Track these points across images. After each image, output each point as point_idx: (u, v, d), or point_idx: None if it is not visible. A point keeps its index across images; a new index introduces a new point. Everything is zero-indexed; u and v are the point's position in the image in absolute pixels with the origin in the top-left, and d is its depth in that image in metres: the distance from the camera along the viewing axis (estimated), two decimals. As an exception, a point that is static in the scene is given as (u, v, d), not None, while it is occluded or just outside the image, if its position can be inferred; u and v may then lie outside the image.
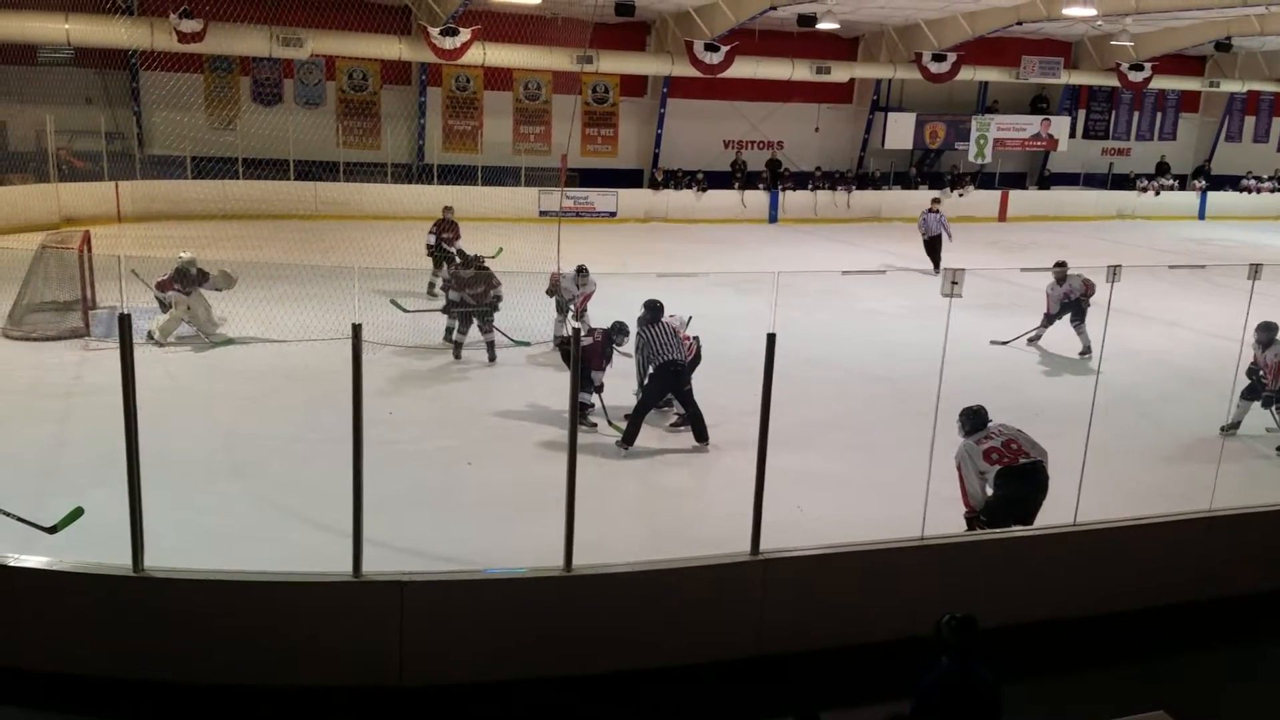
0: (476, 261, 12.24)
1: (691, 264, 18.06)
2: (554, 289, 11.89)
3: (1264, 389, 9.65)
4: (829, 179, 26.57)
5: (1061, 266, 12.72)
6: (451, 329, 11.95)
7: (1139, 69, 26.92)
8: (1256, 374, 9.71)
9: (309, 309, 11.08)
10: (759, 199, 25.68)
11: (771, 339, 5.72)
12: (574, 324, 10.81)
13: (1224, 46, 25.47)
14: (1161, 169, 30.62)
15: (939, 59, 24.84)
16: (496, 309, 11.68)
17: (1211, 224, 28.84)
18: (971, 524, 6.70)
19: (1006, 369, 12.16)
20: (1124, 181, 30.12)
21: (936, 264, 18.42)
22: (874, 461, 8.72)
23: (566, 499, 5.59)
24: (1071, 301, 12.46)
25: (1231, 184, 31.14)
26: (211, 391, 10.11)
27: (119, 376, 5.16)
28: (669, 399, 9.40)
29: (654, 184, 25.33)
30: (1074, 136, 29.87)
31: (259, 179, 21.11)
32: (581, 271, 11.67)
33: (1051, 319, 12.76)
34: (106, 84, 20.73)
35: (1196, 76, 29.84)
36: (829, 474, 8.45)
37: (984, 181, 28.44)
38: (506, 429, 9.42)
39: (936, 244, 18.61)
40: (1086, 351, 12.40)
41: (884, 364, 11.98)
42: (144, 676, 5.32)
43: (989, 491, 6.67)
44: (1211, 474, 7.10)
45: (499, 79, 23.86)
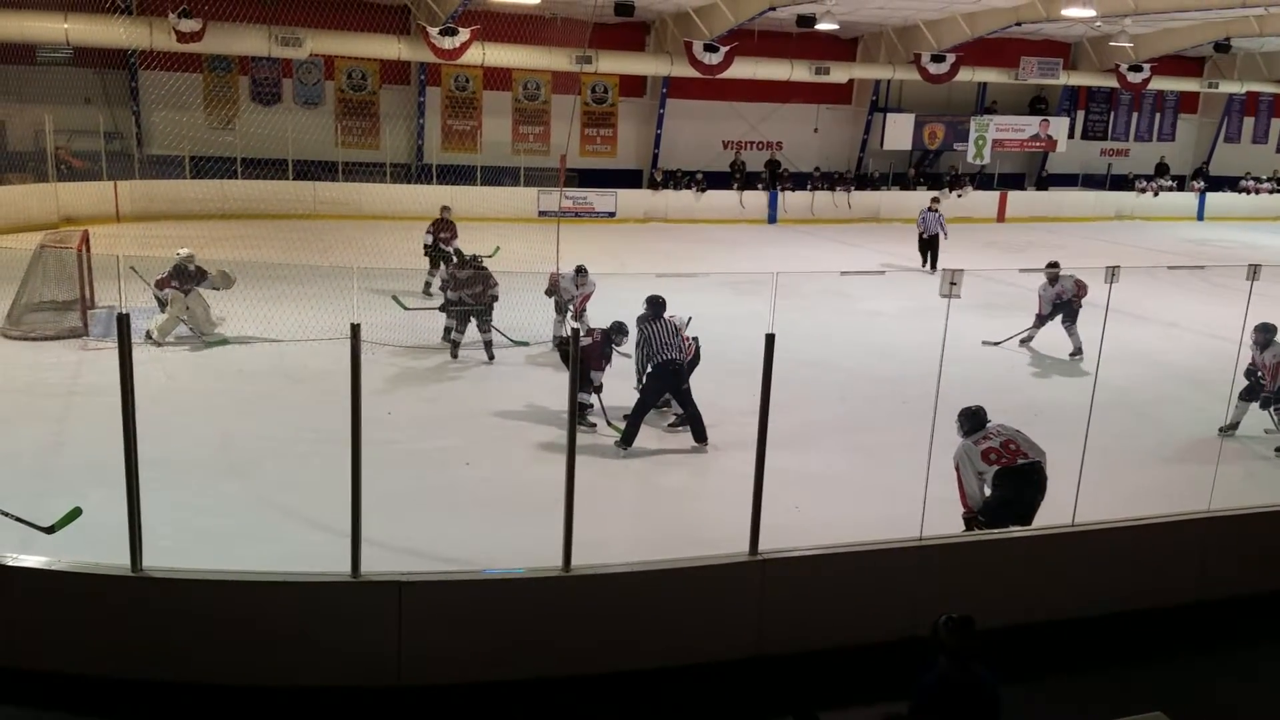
0: (474, 261, 12.24)
1: (690, 264, 18.06)
2: (553, 289, 11.89)
3: (1262, 390, 9.65)
4: (828, 179, 26.60)
5: (1054, 267, 12.71)
6: (450, 329, 11.96)
7: (1138, 70, 26.94)
8: (1255, 375, 9.71)
9: (308, 309, 11.07)
10: (758, 199, 25.69)
11: (770, 339, 5.72)
12: (573, 324, 10.83)
13: (1223, 47, 25.50)
14: (1160, 170, 30.65)
15: (938, 60, 24.86)
16: (493, 309, 11.68)
17: (1210, 225, 28.87)
18: (970, 524, 6.70)
19: (1005, 370, 12.17)
20: (1123, 182, 30.16)
21: (934, 263, 18.63)
22: (872, 462, 8.72)
23: (565, 499, 5.59)
24: (1064, 302, 12.45)
25: (1230, 185, 31.17)
26: (210, 391, 10.11)
27: (117, 376, 5.16)
28: (667, 399, 9.40)
29: (653, 184, 25.34)
30: (1073, 137, 29.91)
31: (258, 179, 21.12)
32: (580, 272, 11.67)
33: (1043, 320, 12.73)
34: (105, 84, 20.73)
35: (1195, 77, 29.88)
36: (827, 474, 8.46)
37: (982, 182, 28.48)
38: (505, 429, 9.42)
39: (934, 243, 18.80)
40: (1078, 353, 12.38)
41: (882, 364, 11.98)
42: (142, 676, 5.32)
43: (987, 492, 6.67)
44: (1210, 475, 7.10)
45: (498, 79, 23.88)
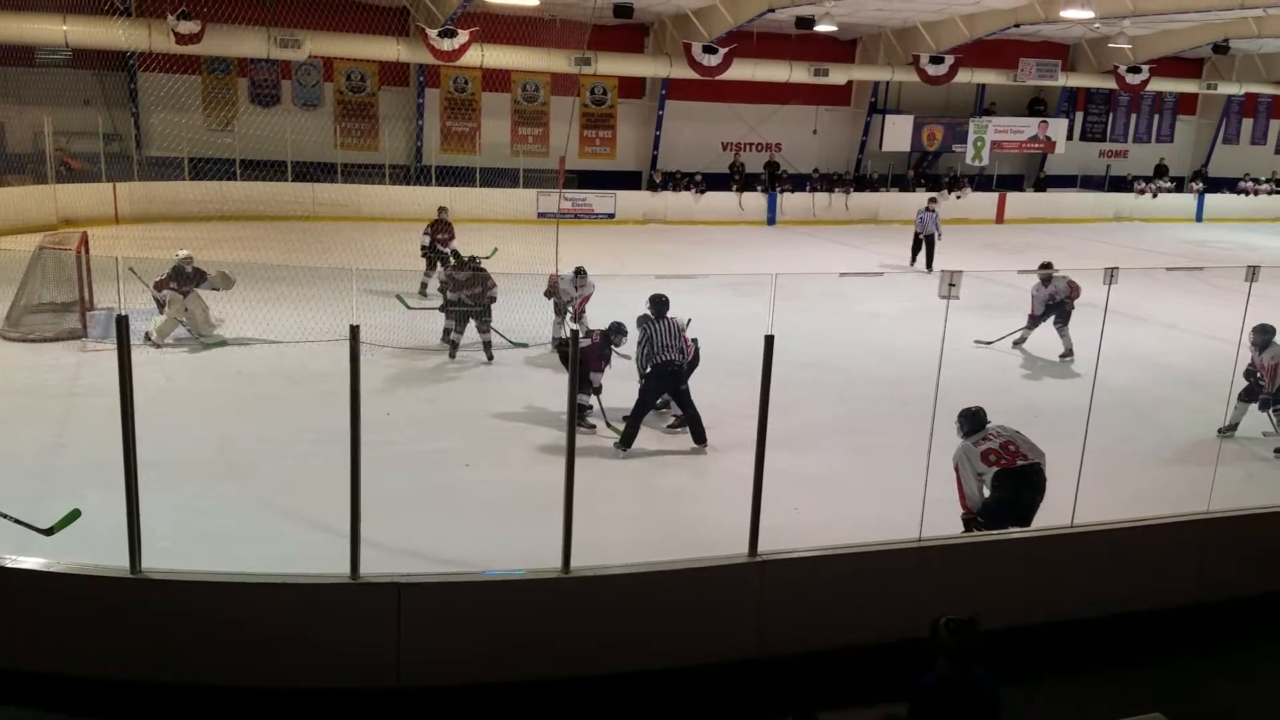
0: (472, 262, 12.24)
1: (690, 266, 18.06)
2: (552, 291, 11.89)
3: (1261, 391, 9.66)
4: (827, 181, 26.62)
5: (1047, 268, 12.72)
6: (449, 329, 11.96)
7: (1136, 71, 26.96)
8: (1254, 376, 9.72)
9: (307, 310, 11.07)
10: (757, 201, 25.71)
11: (769, 341, 5.72)
12: (572, 326, 10.82)
13: (1221, 49, 25.52)
14: (1159, 171, 30.68)
15: (937, 61, 24.86)
16: (487, 313, 11.68)
17: (1209, 226, 28.89)
18: (969, 526, 6.69)
19: (1005, 371, 12.18)
20: (1121, 184, 30.19)
21: (930, 263, 18.82)
22: (872, 463, 8.72)
23: (565, 500, 5.59)
24: (1056, 304, 12.44)
25: (1229, 186, 31.20)
26: (209, 393, 10.11)
27: (116, 378, 5.15)
28: (667, 400, 9.40)
29: (652, 186, 25.36)
30: (1071, 139, 29.94)
31: (257, 180, 21.13)
32: (580, 273, 11.67)
33: (1036, 320, 12.70)
34: (104, 85, 20.74)
35: (1194, 79, 29.91)
36: (827, 475, 8.46)
37: (981, 184, 28.49)
38: (505, 430, 9.42)
39: (931, 243, 18.99)
40: (1068, 354, 12.38)
41: (882, 366, 11.98)
42: (142, 677, 5.31)
43: (986, 493, 6.67)
44: (1209, 476, 7.10)
45: (497, 80, 23.89)
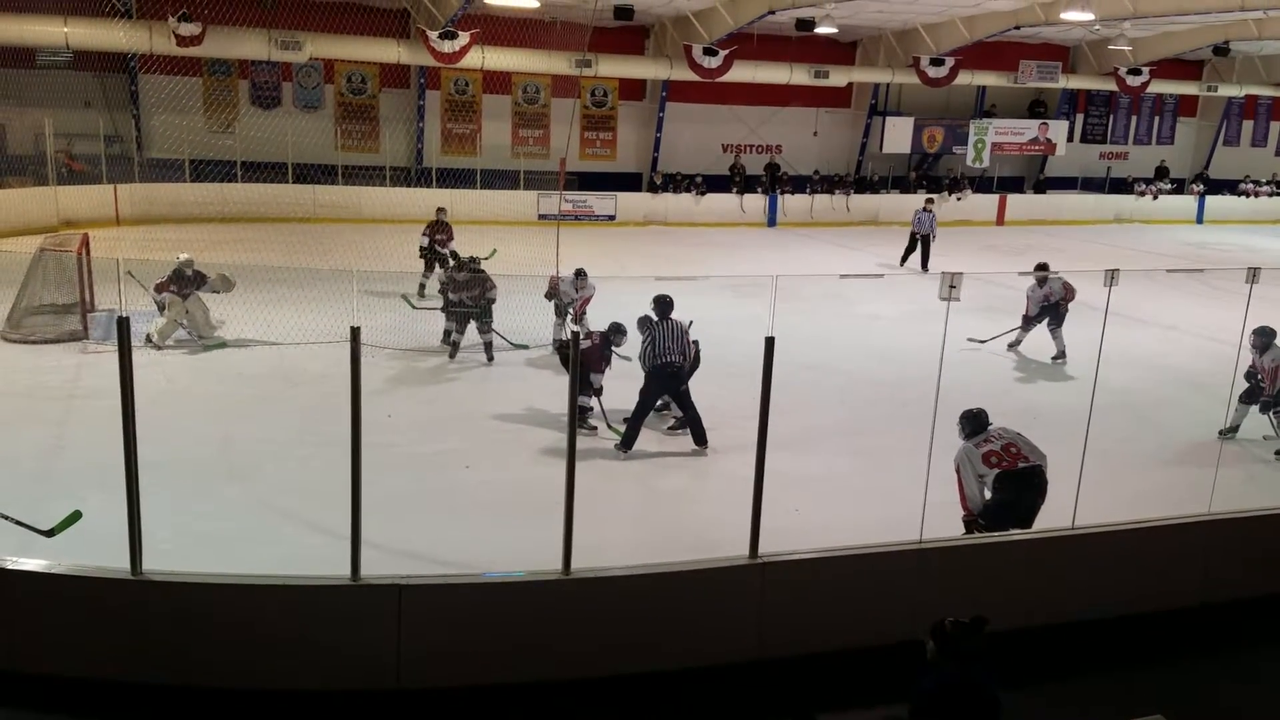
0: (471, 263, 12.24)
1: (690, 267, 18.07)
2: (553, 292, 11.89)
3: (1261, 393, 9.66)
4: (827, 183, 26.63)
5: (1043, 269, 12.74)
6: (449, 330, 11.96)
7: (1137, 73, 26.97)
8: (1255, 378, 9.72)
9: (307, 312, 11.08)
10: (757, 203, 25.72)
11: (770, 342, 5.72)
12: (573, 327, 10.82)
13: (1222, 51, 25.54)
14: (1160, 173, 30.69)
15: (937, 63, 24.86)
16: (488, 314, 11.68)
17: (1209, 228, 28.90)
18: (970, 528, 6.69)
19: (1005, 373, 12.18)
20: (1122, 185, 30.19)
21: (925, 262, 19.07)
22: (872, 465, 8.72)
23: (565, 502, 5.59)
24: (1051, 305, 12.43)
25: (1229, 188, 31.21)
26: (210, 394, 10.11)
27: (117, 379, 5.15)
28: (667, 401, 9.40)
29: (652, 188, 25.37)
30: (1072, 140, 29.96)
31: (257, 182, 21.17)
32: (580, 275, 11.67)
33: (1030, 321, 12.67)
34: (105, 87, 20.75)
35: (1194, 80, 29.92)
36: (827, 477, 8.45)
37: (982, 185, 28.50)
38: (505, 432, 9.41)
39: (927, 242, 19.21)
40: (1060, 357, 12.38)
41: (882, 368, 11.97)
42: (142, 679, 5.31)
43: (987, 495, 6.67)
44: (1210, 478, 7.09)
45: (498, 82, 23.90)
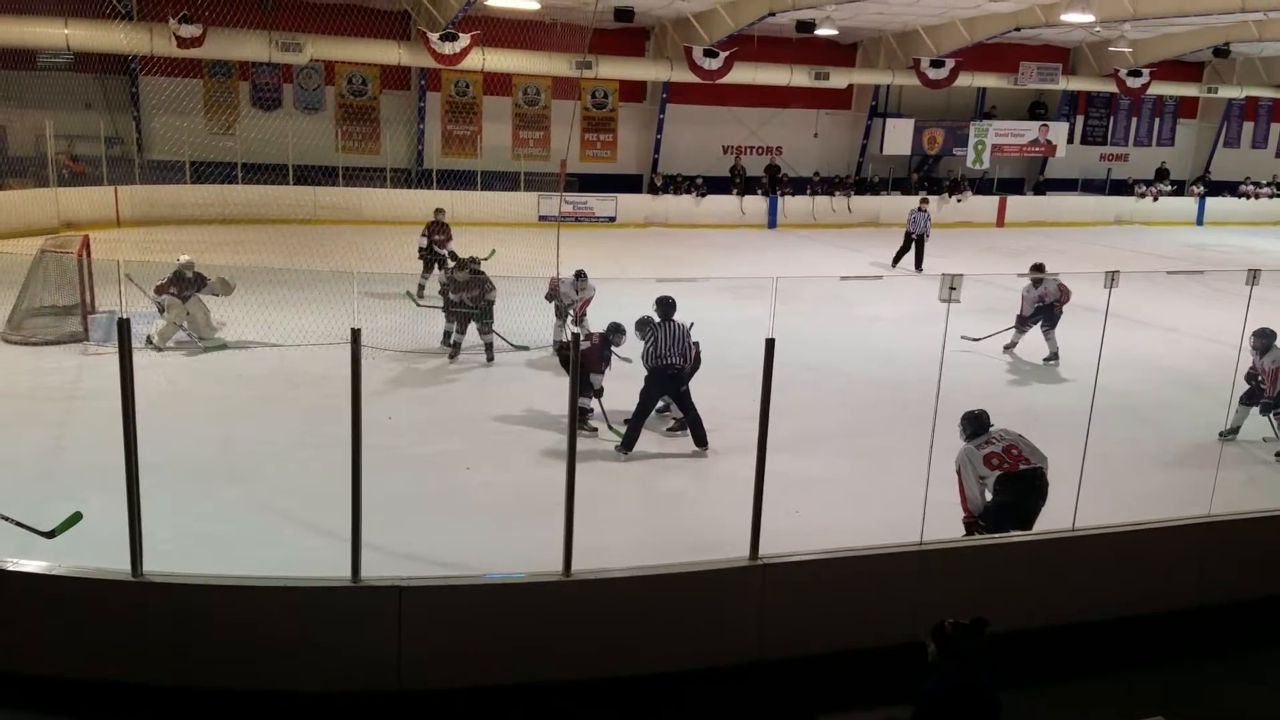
0: (471, 263, 12.25)
1: (691, 269, 18.07)
2: (553, 294, 11.89)
3: (1262, 395, 9.66)
4: (827, 184, 26.64)
5: (1039, 269, 12.76)
6: (449, 332, 11.97)
7: (1137, 75, 26.97)
8: (1255, 380, 9.72)
9: (308, 313, 11.09)
10: (758, 204, 25.72)
11: (770, 344, 5.72)
12: (573, 329, 10.82)
13: (1222, 52, 25.54)
14: (1160, 175, 30.70)
15: (937, 65, 24.87)
16: (488, 315, 11.68)
17: (1210, 229, 28.90)
18: (970, 529, 6.69)
19: (1006, 374, 12.18)
20: (1122, 187, 30.20)
21: (919, 262, 19.28)
22: (873, 466, 8.71)
23: (565, 504, 5.59)
24: (1046, 306, 12.43)
25: (1229, 190, 31.21)
26: (210, 396, 10.11)
27: (118, 381, 5.16)
28: (668, 403, 9.40)
29: (653, 189, 25.37)
30: (1072, 142, 29.96)
31: (258, 184, 21.17)
32: (580, 276, 11.67)
33: (1024, 321, 12.65)
34: (106, 89, 20.76)
35: (1194, 82, 29.93)
36: (828, 479, 8.45)
37: (982, 187, 28.51)
38: (505, 433, 9.41)
39: (921, 242, 19.36)
40: (1053, 358, 12.39)
41: (882, 369, 11.97)
42: (143, 681, 5.31)
43: (988, 497, 6.67)
44: (1210, 479, 7.09)
45: (498, 84, 23.92)
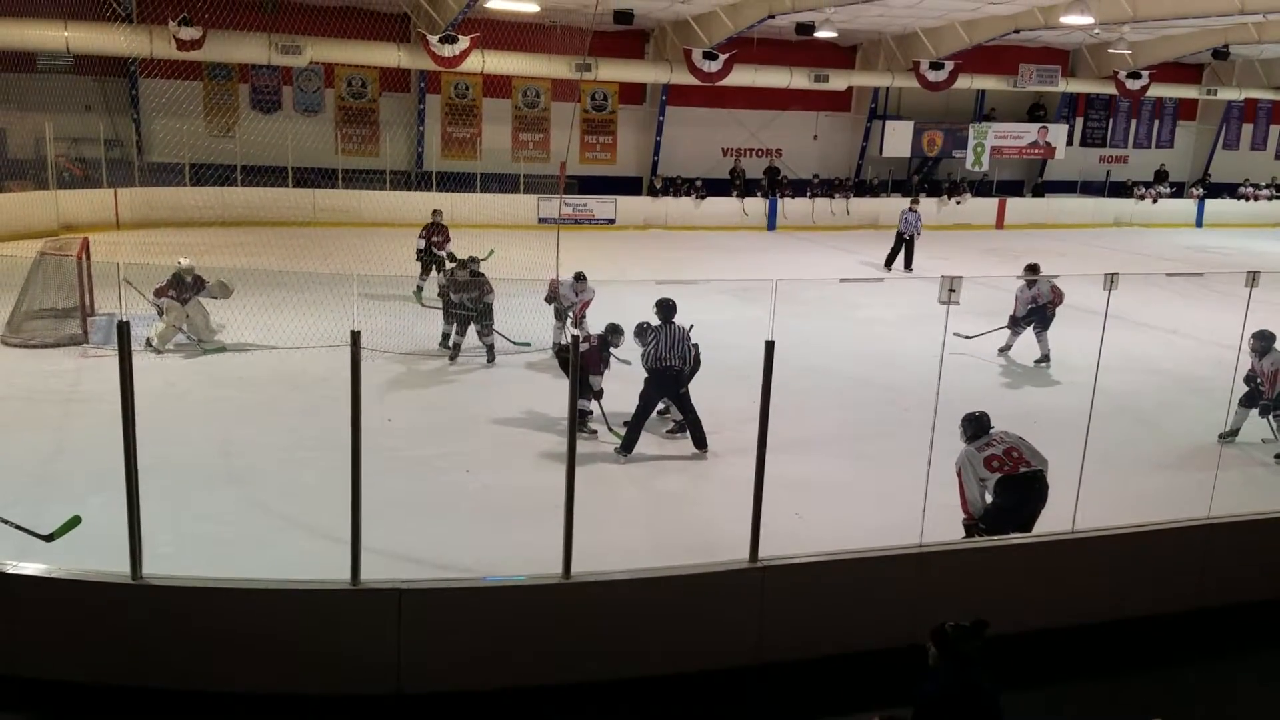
0: (471, 263, 12.26)
1: (690, 271, 18.08)
2: (553, 296, 11.89)
3: (1261, 397, 9.66)
4: (827, 187, 26.65)
5: (1033, 270, 12.78)
6: (447, 334, 11.95)
7: (1136, 77, 26.98)
8: (1254, 381, 9.72)
9: (308, 315, 11.09)
10: (757, 206, 25.73)
11: (770, 346, 5.72)
12: (573, 331, 10.82)
13: (1221, 54, 25.55)
14: (1159, 177, 30.71)
15: (937, 67, 24.89)
16: (488, 316, 11.69)
17: (1209, 231, 28.92)
18: (970, 531, 6.69)
19: (1006, 376, 12.19)
20: (1121, 189, 30.21)
21: (909, 262, 19.50)
22: (872, 469, 8.71)
23: (565, 506, 5.59)
24: (1039, 307, 12.43)
25: (1229, 191, 31.22)
26: (210, 398, 10.10)
27: (117, 383, 5.16)
28: (667, 405, 9.40)
29: (653, 191, 25.37)
30: (1071, 144, 29.96)
31: (258, 186, 21.17)
32: (579, 278, 11.67)
33: (1017, 321, 12.64)
34: (106, 91, 20.75)
35: (1194, 84, 29.94)
36: (828, 481, 8.45)
37: (981, 189, 28.52)
38: (505, 435, 9.41)
39: (911, 243, 19.56)
40: (1044, 360, 12.39)
41: (882, 371, 11.96)
42: (142, 684, 5.30)
43: (989, 499, 6.66)
44: (1210, 481, 7.09)
45: (498, 86, 23.92)
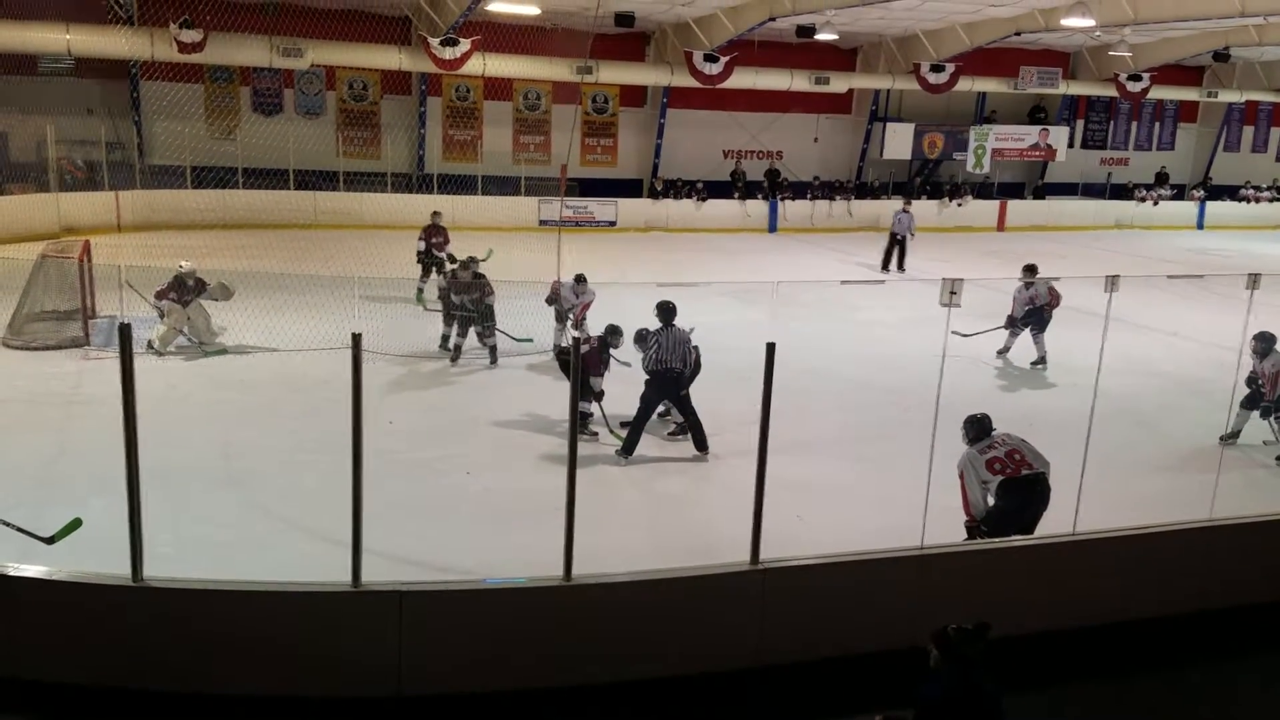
0: (471, 263, 12.26)
1: (691, 273, 18.06)
2: (554, 298, 11.89)
3: (1262, 399, 9.66)
4: (828, 189, 26.66)
5: (1031, 270, 12.79)
6: (447, 336, 11.95)
7: (1137, 79, 26.99)
8: (1255, 383, 9.72)
9: (309, 318, 11.09)
10: (758, 208, 25.75)
11: (771, 348, 5.72)
12: (573, 333, 10.82)
13: (1222, 56, 25.56)
14: (1160, 179, 30.71)
15: (937, 69, 24.91)
16: (490, 317, 11.70)
17: (1210, 233, 28.92)
18: (972, 533, 6.69)
19: (1006, 378, 12.18)
20: (1122, 191, 30.21)
21: (901, 262, 19.70)
22: (873, 471, 8.71)
23: (566, 508, 5.59)
24: (1036, 308, 12.43)
25: (1229, 194, 31.22)
26: (211, 401, 10.11)
27: (118, 386, 5.16)
28: (668, 407, 9.40)
29: (653, 194, 25.38)
30: (1072, 146, 29.97)
31: (259, 189, 21.21)
32: (580, 280, 11.67)
33: (1014, 322, 12.65)
34: (107, 94, 20.79)
35: (1194, 86, 29.94)
36: (829, 483, 8.44)
37: (982, 191, 28.52)
38: (506, 437, 9.41)
39: (904, 244, 19.72)
40: (1040, 362, 12.39)
41: (883, 373, 11.96)
42: (143, 686, 5.30)
43: (991, 501, 6.66)
44: (1211, 483, 7.09)
45: (499, 89, 23.95)
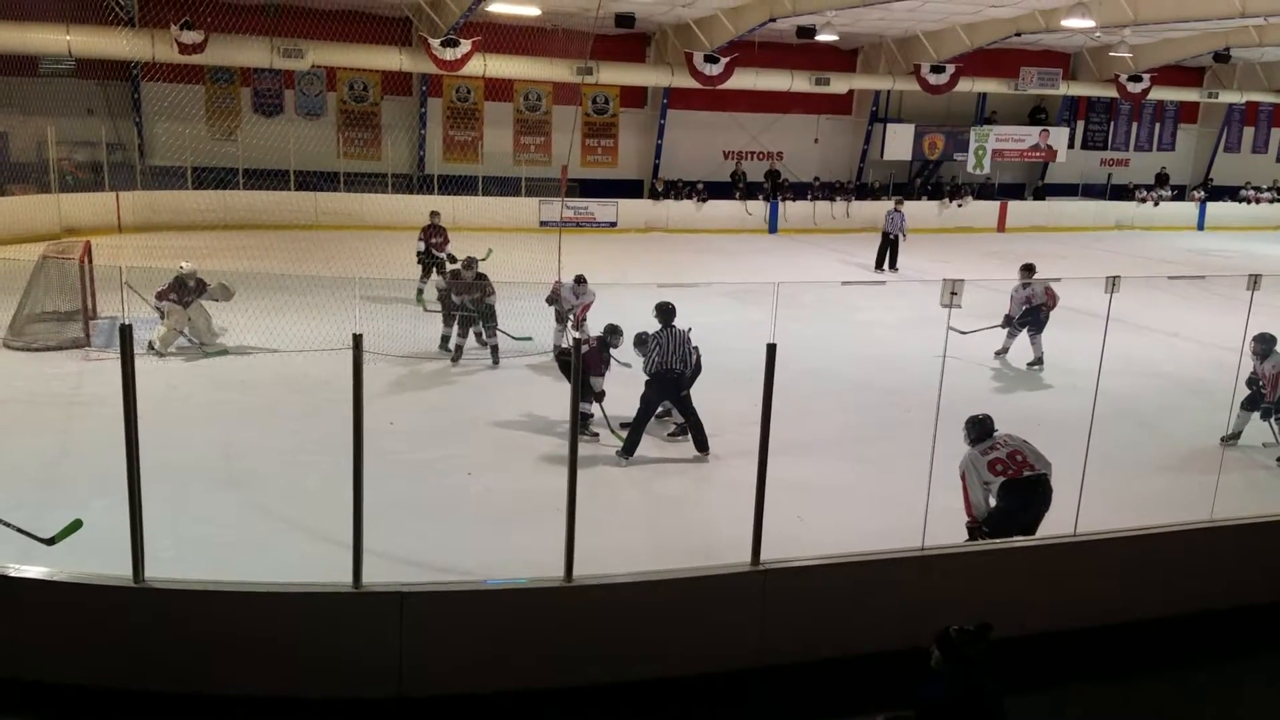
0: (471, 263, 12.25)
1: (692, 274, 18.08)
2: (554, 298, 11.90)
3: (1263, 400, 9.65)
4: (828, 190, 26.66)
5: (1029, 270, 12.81)
6: (448, 337, 11.95)
7: (1137, 80, 26.99)
8: (1256, 384, 9.71)
9: (309, 319, 11.10)
10: (758, 209, 25.75)
11: (772, 349, 5.73)
12: (574, 334, 10.82)
13: (1222, 57, 25.57)
14: (1161, 180, 30.71)
15: (938, 70, 24.92)
16: (492, 317, 11.69)
17: (1210, 234, 28.92)
18: (974, 534, 6.68)
19: (1007, 379, 12.18)
20: (1123, 192, 30.21)
21: (894, 261, 19.90)
22: (874, 471, 8.71)
23: (567, 509, 5.59)
24: (1033, 308, 12.42)
25: (1230, 195, 31.22)
26: (212, 402, 10.11)
27: (119, 387, 5.16)
28: (669, 408, 9.40)
29: (654, 194, 25.39)
30: (1072, 147, 29.96)
31: (259, 189, 21.23)
32: (580, 281, 11.68)
33: (1012, 322, 12.63)
34: (108, 95, 20.80)
35: (1195, 87, 29.94)
36: (829, 484, 8.45)
37: (983, 192, 28.52)
38: (506, 438, 9.42)
39: (896, 243, 19.86)
40: (1037, 363, 12.39)
41: (884, 374, 11.97)
42: (144, 687, 5.31)
43: (992, 502, 6.66)
44: (1212, 484, 7.10)
45: (499, 90, 23.97)
